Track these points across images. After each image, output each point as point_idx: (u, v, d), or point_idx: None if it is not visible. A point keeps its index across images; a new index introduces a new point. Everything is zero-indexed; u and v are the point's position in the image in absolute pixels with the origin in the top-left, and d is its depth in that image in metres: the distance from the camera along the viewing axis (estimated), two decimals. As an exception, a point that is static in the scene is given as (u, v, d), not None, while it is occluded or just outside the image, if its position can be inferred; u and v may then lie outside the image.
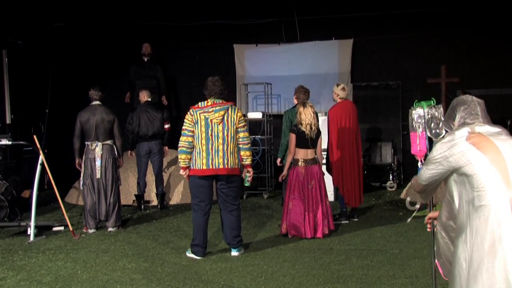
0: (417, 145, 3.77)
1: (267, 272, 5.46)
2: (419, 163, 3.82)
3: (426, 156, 3.82)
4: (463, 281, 2.78)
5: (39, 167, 7.07)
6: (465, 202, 2.83)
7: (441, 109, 3.67)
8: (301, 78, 10.50)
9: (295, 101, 7.65)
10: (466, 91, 8.71)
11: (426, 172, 3.02)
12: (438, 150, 2.94)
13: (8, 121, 9.90)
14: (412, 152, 3.86)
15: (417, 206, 3.60)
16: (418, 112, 3.67)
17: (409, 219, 3.29)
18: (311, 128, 6.79)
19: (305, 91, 7.54)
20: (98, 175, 7.38)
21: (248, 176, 6.22)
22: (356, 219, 7.85)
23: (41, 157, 7.06)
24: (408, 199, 3.65)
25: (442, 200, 3.04)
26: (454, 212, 2.93)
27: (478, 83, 10.28)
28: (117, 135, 7.60)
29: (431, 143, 3.80)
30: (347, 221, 7.69)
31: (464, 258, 2.78)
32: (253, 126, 10.85)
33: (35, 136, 7.19)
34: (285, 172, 7.14)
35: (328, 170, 7.76)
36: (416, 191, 3.23)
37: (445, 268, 3.12)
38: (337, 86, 7.82)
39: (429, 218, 3.39)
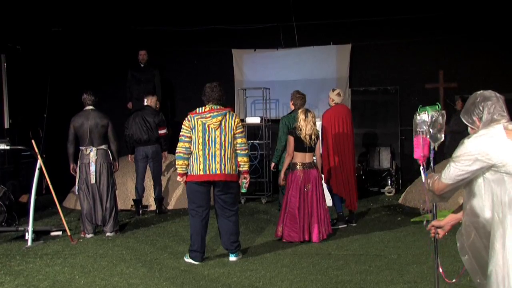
0: (421, 150, 3.75)
1: (265, 277, 5.45)
2: (421, 168, 3.79)
3: (428, 161, 3.79)
4: (500, 277, 2.75)
5: (37, 171, 7.06)
6: (502, 202, 2.77)
7: (445, 114, 3.66)
8: (299, 83, 10.54)
9: (292, 107, 7.66)
10: (465, 97, 8.75)
11: (456, 170, 2.90)
12: (474, 145, 2.84)
13: (6, 125, 9.89)
14: (415, 156, 3.82)
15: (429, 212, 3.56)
16: (423, 118, 3.65)
17: (424, 222, 3.28)
18: (310, 138, 6.80)
19: (302, 97, 7.56)
20: (92, 180, 7.35)
21: (245, 182, 6.20)
22: (354, 224, 7.84)
23: (39, 162, 7.04)
24: (425, 206, 3.58)
25: (447, 207, 3.00)
26: (482, 209, 2.87)
27: (476, 88, 10.13)
28: (112, 139, 7.56)
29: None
30: (345, 225, 7.68)
31: (503, 255, 2.74)
32: (251, 131, 10.85)
33: (33, 141, 7.17)
34: (282, 175, 7.13)
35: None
36: (436, 193, 3.09)
37: (468, 264, 3.08)
38: (333, 91, 7.81)
39: (432, 226, 3.36)
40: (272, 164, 7.95)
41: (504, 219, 2.75)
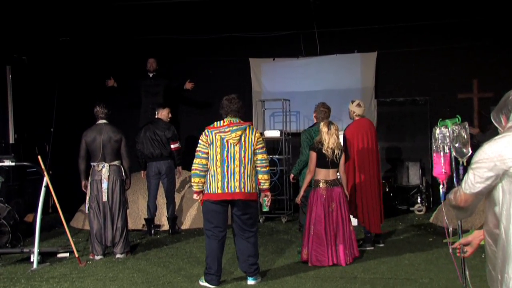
0: (442, 167, 3.72)
1: (286, 303, 5.42)
2: (441, 186, 3.76)
3: (449, 178, 3.76)
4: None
5: (43, 189, 7.12)
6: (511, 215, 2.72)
7: (467, 126, 3.62)
8: (321, 94, 10.54)
9: (315, 120, 7.64)
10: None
11: (476, 177, 2.82)
12: (492, 149, 2.78)
13: (11, 140, 9.98)
14: (435, 174, 3.81)
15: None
16: (443, 132, 3.63)
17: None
18: (333, 152, 6.75)
19: (325, 110, 7.50)
20: (104, 198, 7.39)
21: (266, 200, 6.19)
22: (381, 245, 7.77)
23: (46, 179, 7.10)
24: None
25: (475, 225, 2.98)
26: (500, 220, 2.82)
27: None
28: (124, 155, 7.60)
29: (457, 165, 3.73)
30: (372, 247, 7.62)
31: (501, 272, 2.72)
32: (270, 145, 10.83)
33: (39, 157, 7.24)
34: (302, 193, 7.10)
35: None
36: (461, 205, 3.01)
37: (490, 277, 3.03)
38: (352, 103, 7.77)
39: (460, 244, 3.31)
40: (291, 176, 7.91)
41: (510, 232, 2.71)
